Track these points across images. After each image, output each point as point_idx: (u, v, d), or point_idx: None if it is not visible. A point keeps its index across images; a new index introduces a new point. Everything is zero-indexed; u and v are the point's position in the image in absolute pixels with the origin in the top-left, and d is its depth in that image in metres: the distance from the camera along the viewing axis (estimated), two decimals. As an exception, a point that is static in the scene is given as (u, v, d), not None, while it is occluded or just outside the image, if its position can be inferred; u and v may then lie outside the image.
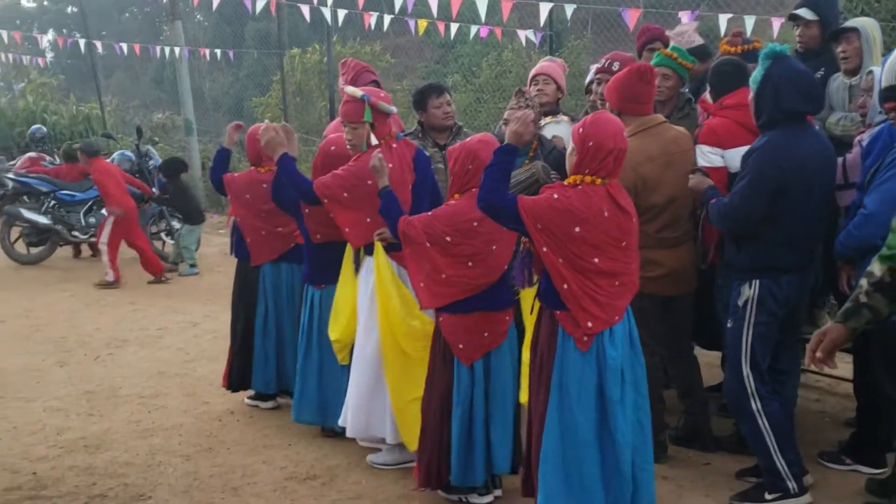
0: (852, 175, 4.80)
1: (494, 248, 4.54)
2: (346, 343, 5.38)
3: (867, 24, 5.41)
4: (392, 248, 4.97)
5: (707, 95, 5.34)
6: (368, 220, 5.01)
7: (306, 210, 5.48)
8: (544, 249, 3.90)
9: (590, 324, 3.90)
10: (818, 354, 3.13)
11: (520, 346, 4.73)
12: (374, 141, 5.14)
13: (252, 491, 5.04)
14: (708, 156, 5.00)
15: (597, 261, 3.89)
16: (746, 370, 4.57)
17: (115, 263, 10.95)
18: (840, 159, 4.80)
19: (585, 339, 3.92)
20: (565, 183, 3.97)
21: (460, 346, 4.57)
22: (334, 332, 5.40)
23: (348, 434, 5.27)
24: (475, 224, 4.44)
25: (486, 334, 4.58)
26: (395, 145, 5.13)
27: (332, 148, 5.41)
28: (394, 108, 5.16)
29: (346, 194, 5.01)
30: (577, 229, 3.84)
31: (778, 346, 4.67)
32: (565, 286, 3.89)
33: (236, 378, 6.39)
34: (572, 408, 3.94)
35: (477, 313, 4.55)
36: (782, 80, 4.40)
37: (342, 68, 6.31)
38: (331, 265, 5.48)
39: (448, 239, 4.46)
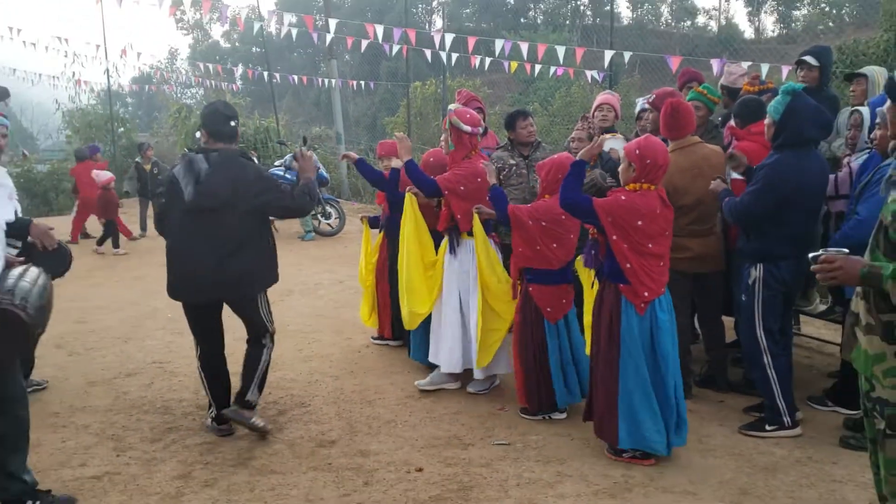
0: (842, 188, 4.64)
1: (571, 236, 4.65)
2: (423, 314, 5.32)
3: (876, 72, 5.14)
4: (487, 229, 5.06)
5: (732, 122, 5.18)
6: (474, 210, 5.02)
7: None
8: (614, 238, 3.95)
9: (646, 293, 3.97)
10: (825, 273, 2.64)
11: (579, 312, 4.78)
12: (450, 146, 5.12)
13: (382, 404, 5.12)
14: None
15: (650, 246, 3.95)
16: (759, 332, 4.44)
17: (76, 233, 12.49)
18: (832, 176, 4.64)
19: (643, 305, 3.97)
20: (627, 188, 3.99)
21: (549, 309, 4.63)
22: (420, 306, 5.30)
23: (443, 369, 5.29)
24: (563, 217, 4.52)
25: (563, 301, 4.67)
26: (483, 161, 5.09)
27: (431, 159, 5.55)
28: (467, 127, 5.01)
29: (462, 188, 5.03)
30: (640, 222, 3.90)
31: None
32: (628, 265, 3.96)
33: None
34: (633, 356, 4.00)
35: (559, 285, 4.65)
36: (804, 113, 4.23)
37: (458, 96, 6.31)
38: None
39: (543, 223, 4.55)
